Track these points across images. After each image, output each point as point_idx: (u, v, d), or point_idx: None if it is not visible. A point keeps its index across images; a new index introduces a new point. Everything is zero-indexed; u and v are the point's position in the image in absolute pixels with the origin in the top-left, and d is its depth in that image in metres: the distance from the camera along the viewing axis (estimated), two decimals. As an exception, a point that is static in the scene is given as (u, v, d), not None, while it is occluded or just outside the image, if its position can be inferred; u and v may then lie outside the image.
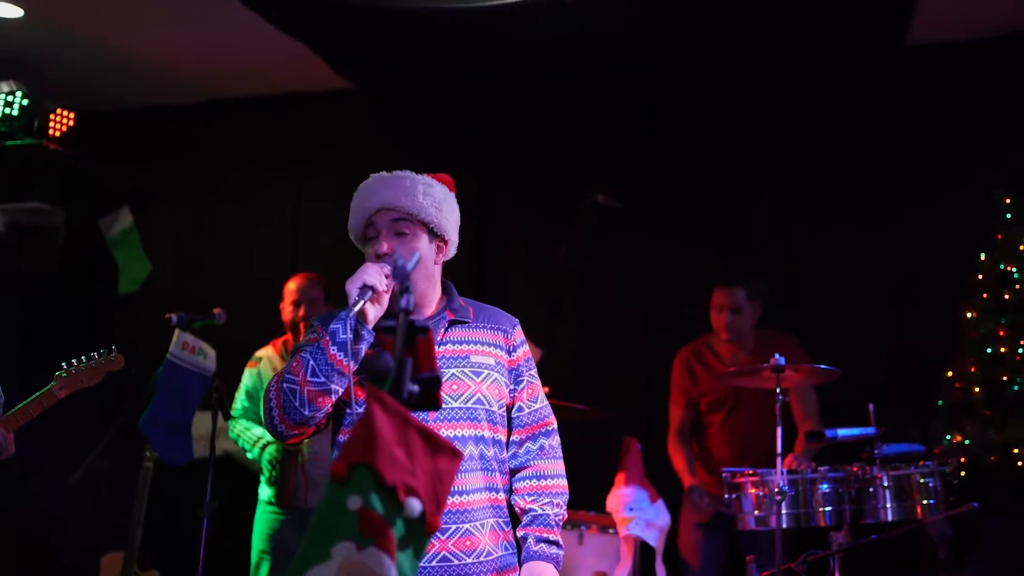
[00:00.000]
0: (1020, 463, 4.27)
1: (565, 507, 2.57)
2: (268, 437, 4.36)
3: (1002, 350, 4.38)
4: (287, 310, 4.53)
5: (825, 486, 3.72)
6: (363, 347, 2.37)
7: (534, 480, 2.56)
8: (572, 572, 4.25)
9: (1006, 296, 4.42)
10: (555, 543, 2.53)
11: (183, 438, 4.13)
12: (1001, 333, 4.38)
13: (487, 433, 2.45)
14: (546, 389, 4.30)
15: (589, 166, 5.48)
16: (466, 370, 2.47)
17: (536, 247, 5.53)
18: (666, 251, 5.41)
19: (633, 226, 5.31)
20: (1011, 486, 4.27)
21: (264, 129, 6.15)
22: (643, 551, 4.02)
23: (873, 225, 5.14)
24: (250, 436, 4.39)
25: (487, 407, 2.46)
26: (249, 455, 4.43)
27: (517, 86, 5.70)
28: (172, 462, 4.09)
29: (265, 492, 4.40)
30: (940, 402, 4.54)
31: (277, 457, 4.33)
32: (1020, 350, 4.34)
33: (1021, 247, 4.45)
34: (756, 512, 3.80)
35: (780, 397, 3.61)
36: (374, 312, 2.35)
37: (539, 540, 2.52)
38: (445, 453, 1.59)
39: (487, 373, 2.48)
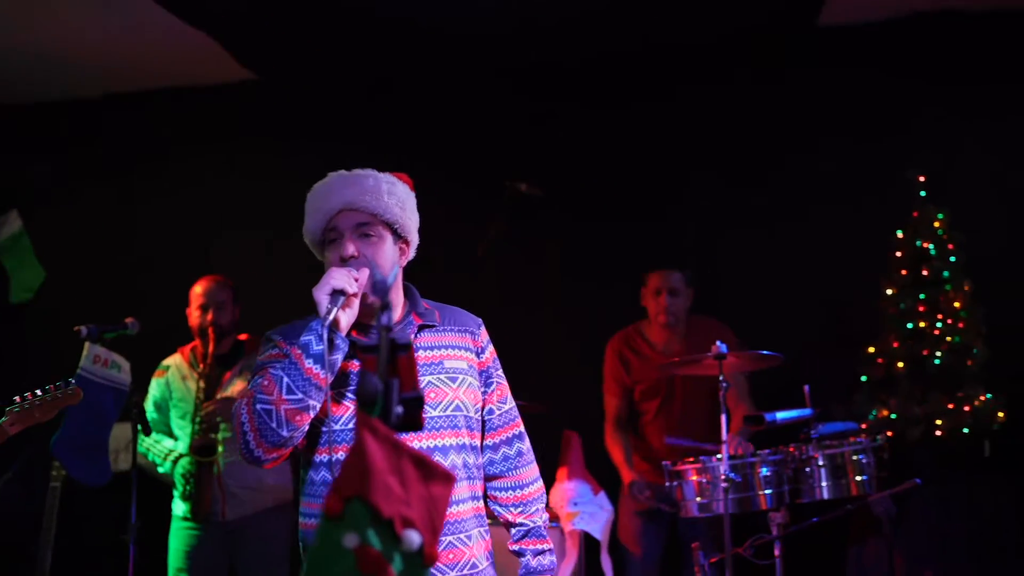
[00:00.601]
0: (939, 433, 4.39)
1: (544, 508, 2.55)
2: (181, 449, 4.18)
3: (921, 325, 4.49)
4: (194, 315, 4.33)
5: (765, 470, 3.73)
6: (339, 357, 2.25)
7: (517, 490, 2.52)
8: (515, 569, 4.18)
9: (924, 272, 4.53)
10: (550, 551, 2.51)
11: (100, 457, 3.88)
12: (921, 309, 4.49)
13: (467, 440, 2.38)
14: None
15: (509, 155, 5.39)
16: (442, 376, 2.38)
17: (457, 237, 5.42)
18: (592, 237, 5.37)
19: (558, 213, 5.25)
20: (934, 456, 4.39)
21: (174, 122, 5.86)
22: (587, 544, 3.98)
23: (791, 205, 5.18)
24: (160, 449, 4.20)
25: (465, 413, 2.39)
26: (160, 469, 4.23)
27: (429, 74, 5.60)
28: (90, 484, 3.85)
29: (179, 508, 4.21)
30: (864, 378, 4.64)
31: (191, 470, 4.14)
32: (938, 324, 4.46)
33: (936, 224, 4.56)
34: (699, 499, 3.79)
35: (724, 384, 3.60)
36: (346, 319, 2.24)
37: (536, 554, 2.49)
38: (438, 478, 1.52)
39: (462, 378, 2.41)
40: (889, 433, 4.35)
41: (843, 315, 4.97)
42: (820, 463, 3.80)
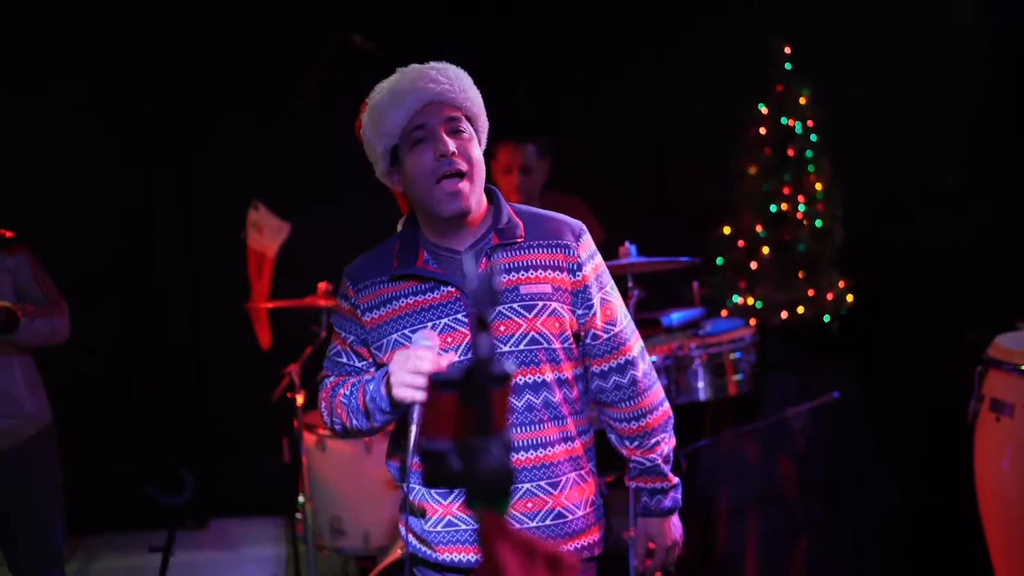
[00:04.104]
0: (801, 314, 4.29)
1: (672, 433, 2.28)
2: None
3: (784, 208, 4.31)
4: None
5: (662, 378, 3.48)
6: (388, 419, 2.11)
7: (635, 421, 2.23)
8: (361, 480, 3.78)
9: (789, 152, 4.31)
10: (672, 489, 2.27)
11: None
12: (785, 191, 4.30)
13: (551, 375, 2.09)
14: (324, 285, 3.67)
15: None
16: (514, 305, 2.08)
17: (269, 94, 4.65)
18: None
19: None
20: (795, 343, 4.32)
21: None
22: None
23: (637, 67, 4.79)
24: None
25: (546, 345, 2.09)
26: None
27: None
28: None
29: None
30: (720, 260, 4.44)
31: None
32: (802, 208, 4.29)
33: (802, 100, 4.33)
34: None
35: (635, 293, 3.24)
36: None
37: (653, 493, 2.26)
38: (563, 573, 1.09)
39: (542, 304, 2.09)
40: (752, 321, 4.22)
41: (693, 191, 4.73)
42: (702, 363, 3.61)
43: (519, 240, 2.12)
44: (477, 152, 2.09)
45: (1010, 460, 3.02)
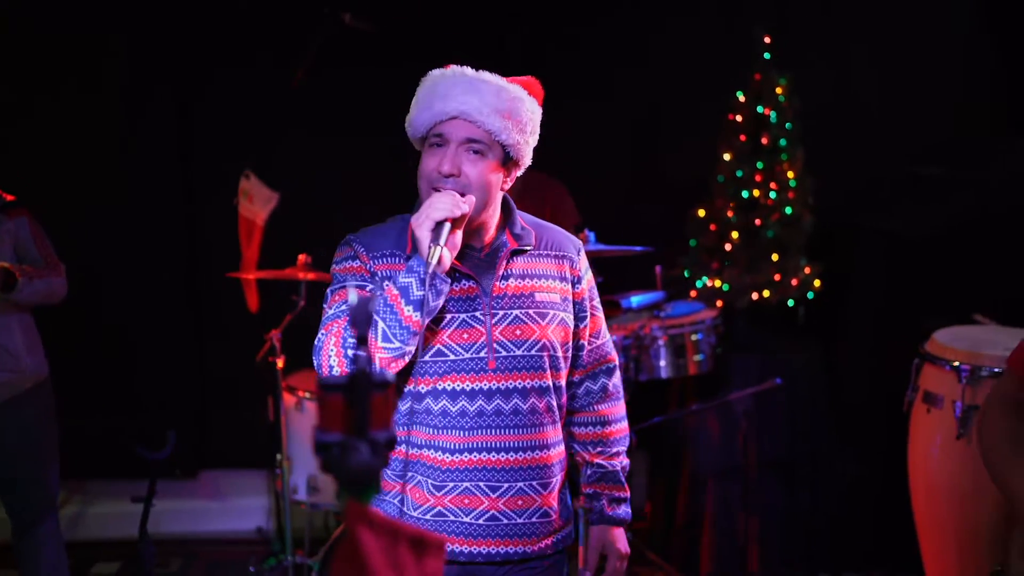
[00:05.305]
0: (767, 297, 4.45)
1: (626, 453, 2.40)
2: None
3: (756, 194, 4.46)
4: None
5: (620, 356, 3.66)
6: (440, 302, 2.04)
7: (597, 427, 2.34)
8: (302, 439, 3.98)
9: (763, 141, 4.45)
10: (625, 501, 2.36)
11: None
12: (757, 178, 4.44)
13: (551, 382, 2.18)
14: (304, 257, 3.85)
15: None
16: (530, 311, 2.15)
17: (260, 71, 4.78)
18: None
19: (389, 59, 4.68)
20: (761, 325, 4.49)
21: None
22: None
23: (619, 53, 4.90)
24: None
25: (552, 352, 2.17)
26: None
27: None
28: None
29: None
30: (693, 242, 4.60)
31: None
32: (772, 195, 4.44)
33: (778, 91, 4.46)
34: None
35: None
36: (448, 255, 2.00)
37: (613, 501, 2.34)
38: (431, 552, 1.31)
39: (553, 313, 2.17)
40: (719, 303, 4.38)
41: (670, 173, 4.86)
42: (663, 343, 3.79)
43: (530, 248, 2.19)
44: (484, 175, 2.07)
45: (939, 448, 3.20)
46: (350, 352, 2.00)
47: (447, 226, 1.98)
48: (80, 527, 4.82)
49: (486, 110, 2.05)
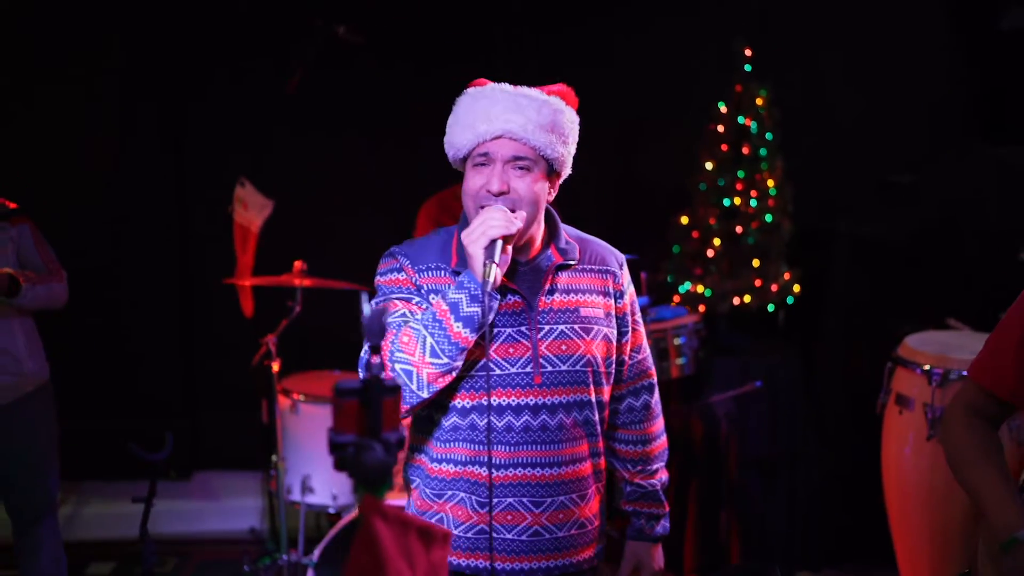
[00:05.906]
0: (748, 302, 4.59)
1: (666, 466, 2.42)
2: None
3: (737, 202, 4.59)
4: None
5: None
6: (491, 318, 2.05)
7: (640, 446, 2.36)
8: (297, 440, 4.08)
9: (744, 150, 4.58)
10: (663, 517, 2.39)
11: None
12: (738, 187, 4.57)
13: (593, 397, 2.18)
14: (299, 264, 3.96)
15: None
16: (575, 326, 2.15)
17: (255, 78, 4.88)
18: (417, 93, 4.96)
19: (380, 65, 4.79)
20: (742, 330, 4.62)
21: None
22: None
23: (602, 64, 5.02)
24: None
25: (595, 368, 2.17)
26: None
27: None
28: None
29: None
30: (676, 248, 4.72)
31: None
32: (753, 203, 4.57)
33: (759, 101, 4.59)
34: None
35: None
36: (500, 272, 2.01)
37: (652, 518, 2.37)
38: (437, 542, 1.43)
39: (597, 329, 2.18)
40: (701, 308, 4.52)
41: (655, 181, 4.98)
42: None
43: (575, 262, 2.19)
44: (532, 189, 2.08)
45: (910, 448, 3.34)
46: (397, 366, 2.01)
47: (500, 243, 1.99)
48: (75, 528, 4.89)
49: (531, 127, 2.06)
